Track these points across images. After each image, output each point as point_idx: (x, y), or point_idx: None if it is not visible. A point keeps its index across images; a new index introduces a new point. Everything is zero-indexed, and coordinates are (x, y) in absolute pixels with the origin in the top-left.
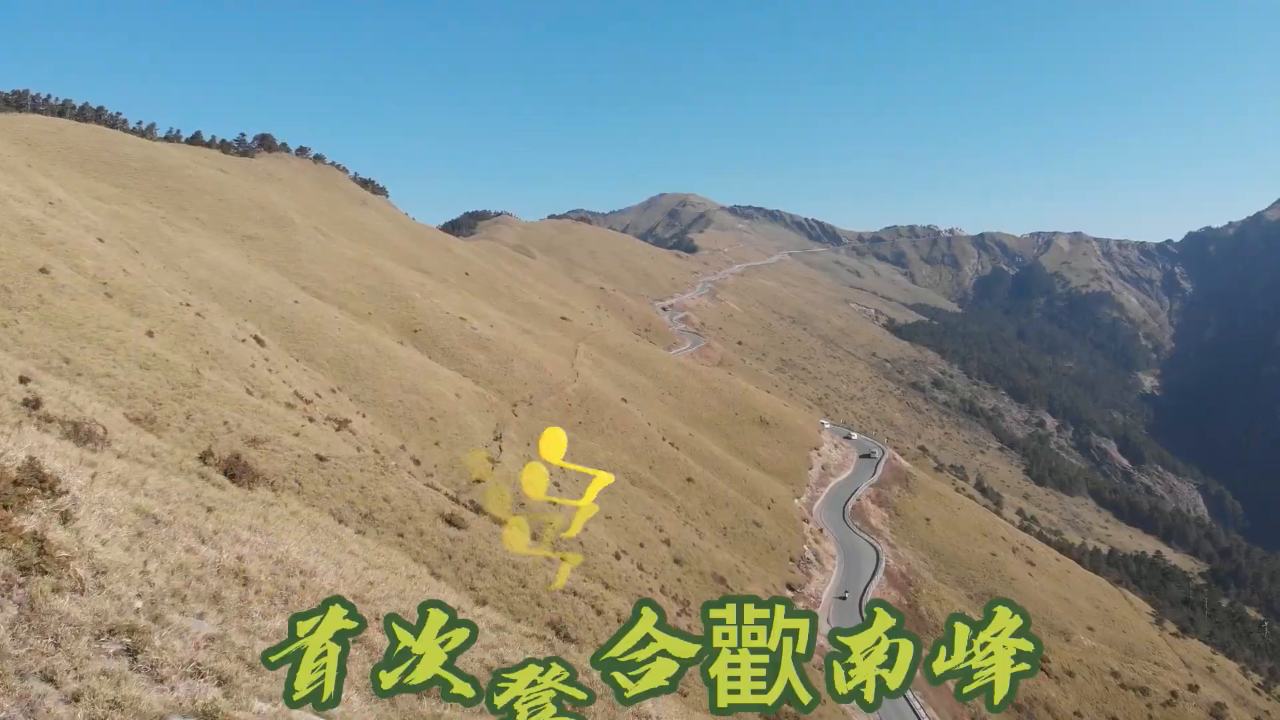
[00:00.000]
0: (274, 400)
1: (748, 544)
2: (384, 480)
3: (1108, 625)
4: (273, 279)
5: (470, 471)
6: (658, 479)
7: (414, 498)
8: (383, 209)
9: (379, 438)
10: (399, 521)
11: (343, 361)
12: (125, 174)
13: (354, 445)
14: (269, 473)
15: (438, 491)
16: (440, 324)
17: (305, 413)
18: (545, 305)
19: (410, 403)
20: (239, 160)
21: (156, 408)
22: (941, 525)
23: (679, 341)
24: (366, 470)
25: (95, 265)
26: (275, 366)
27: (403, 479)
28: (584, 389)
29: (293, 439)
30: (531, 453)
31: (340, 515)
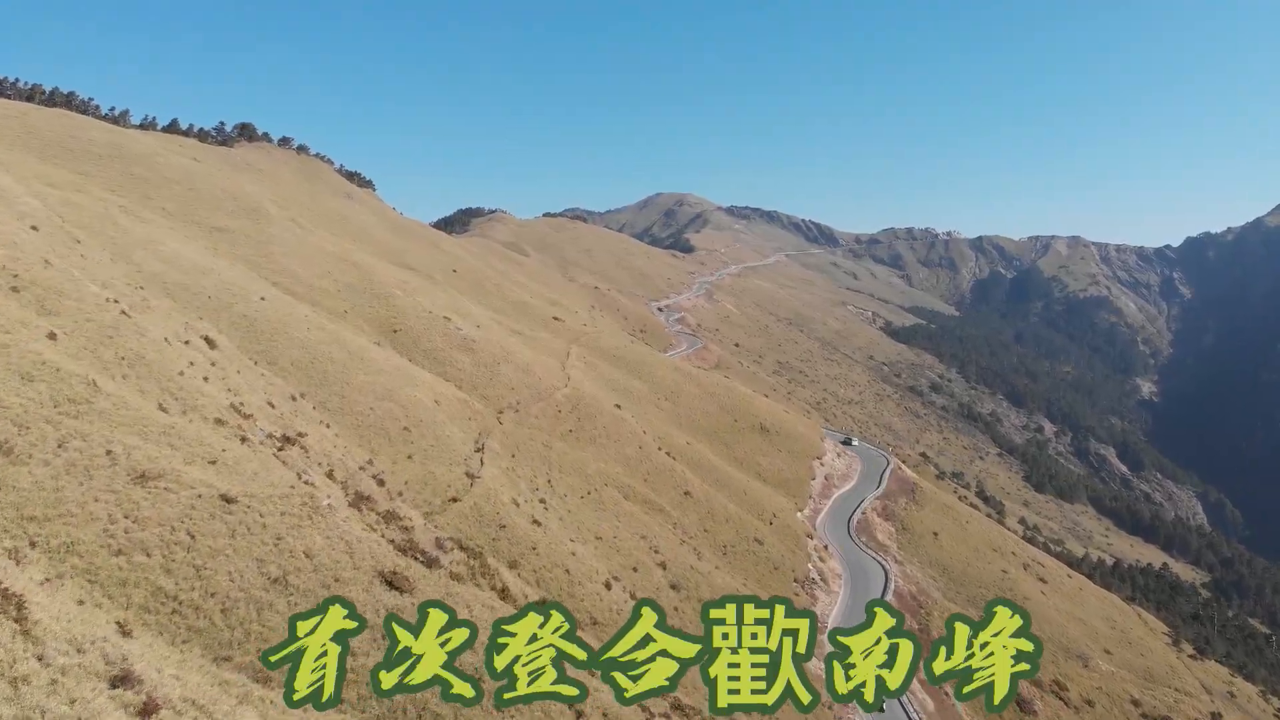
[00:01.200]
0: (199, 416)
1: (749, 564)
2: (310, 526)
3: (1125, 648)
4: (239, 273)
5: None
6: (653, 493)
7: (347, 550)
8: (368, 202)
9: (338, 454)
10: (320, 587)
11: (309, 365)
12: (88, 160)
13: (294, 471)
14: (137, 544)
15: (382, 537)
16: (422, 324)
17: (239, 430)
18: (537, 304)
19: (383, 411)
20: (216, 149)
21: (20, 433)
22: (950, 540)
23: (675, 343)
24: (289, 513)
25: (7, 255)
26: (223, 372)
27: (335, 523)
28: (575, 394)
29: (198, 472)
30: (516, 465)
31: (240, 583)
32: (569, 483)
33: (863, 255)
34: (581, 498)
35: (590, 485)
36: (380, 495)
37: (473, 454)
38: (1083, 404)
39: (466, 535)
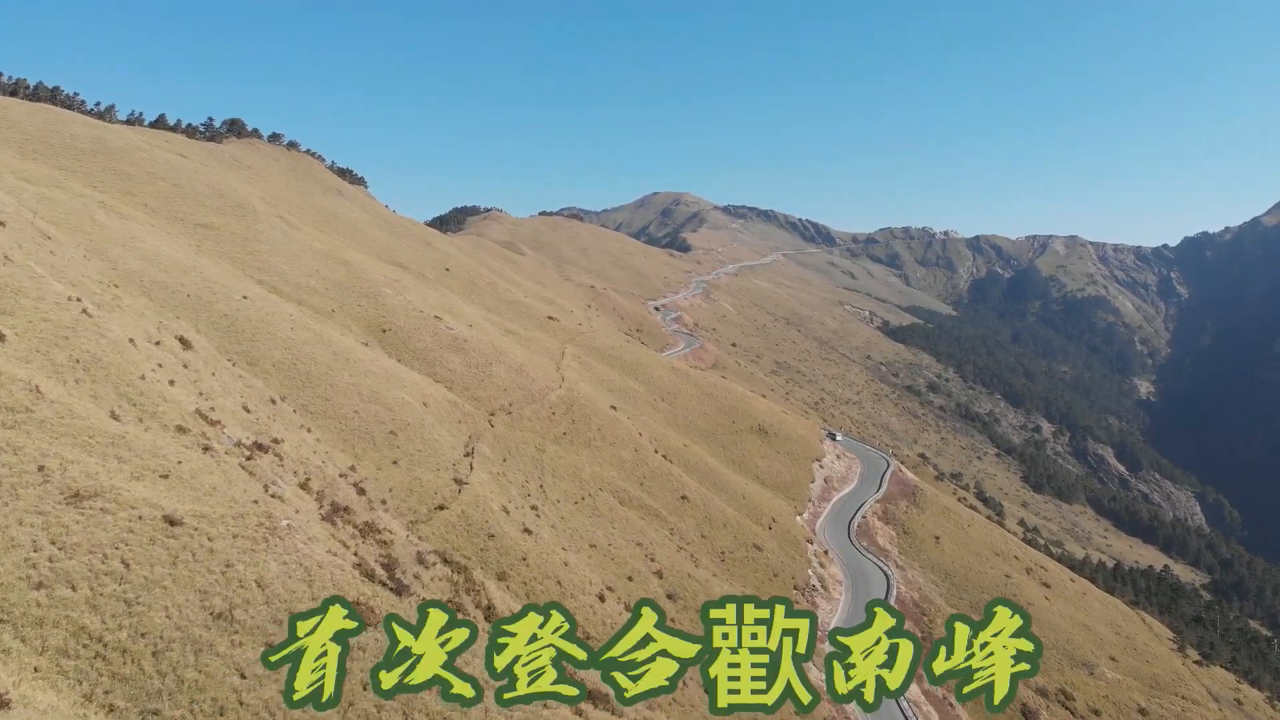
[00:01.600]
0: (158, 424)
1: (748, 571)
2: (265, 551)
3: (1130, 654)
4: (222, 271)
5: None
6: (649, 497)
7: (305, 578)
8: (360, 200)
9: (317, 460)
10: (271, 622)
11: (291, 365)
12: (69, 155)
13: (261, 483)
14: (62, 576)
15: (353, 556)
16: (412, 323)
17: (203, 439)
18: (532, 304)
19: (368, 413)
20: (204, 145)
21: None
22: (952, 544)
23: (672, 342)
24: (243, 535)
25: None
26: (196, 374)
27: (295, 546)
28: (570, 395)
29: (144, 489)
30: (508, 469)
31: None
32: (562, 488)
33: (860, 255)
34: (575, 503)
35: (584, 490)
36: (360, 505)
37: (462, 458)
38: (1080, 404)
39: (453, 546)
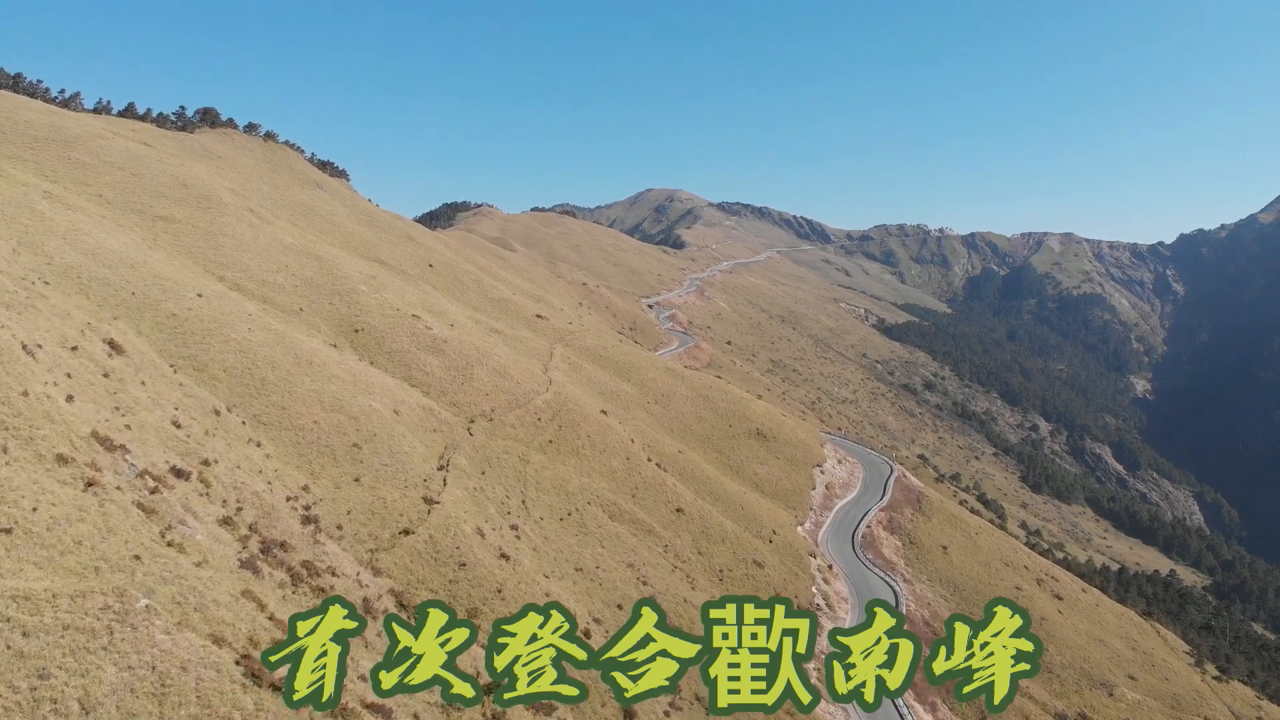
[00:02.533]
0: (29, 451)
1: (748, 591)
2: (103, 652)
3: (1149, 672)
4: (178, 267)
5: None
6: (642, 510)
7: (156, 690)
8: (340, 193)
9: (258, 484)
10: None
11: (245, 371)
12: (21, 143)
13: (159, 526)
14: None
15: (252, 625)
16: (388, 322)
17: (89, 470)
18: (520, 302)
19: (330, 424)
20: (173, 134)
21: None
22: (960, 554)
23: (666, 341)
24: (75, 628)
25: None
26: (118, 384)
27: (150, 641)
28: (557, 399)
29: None
30: (486, 484)
31: None
32: (547, 502)
33: (855, 252)
34: (561, 520)
35: (571, 505)
36: (303, 538)
37: (435, 473)
38: (1077, 402)
39: (417, 579)
